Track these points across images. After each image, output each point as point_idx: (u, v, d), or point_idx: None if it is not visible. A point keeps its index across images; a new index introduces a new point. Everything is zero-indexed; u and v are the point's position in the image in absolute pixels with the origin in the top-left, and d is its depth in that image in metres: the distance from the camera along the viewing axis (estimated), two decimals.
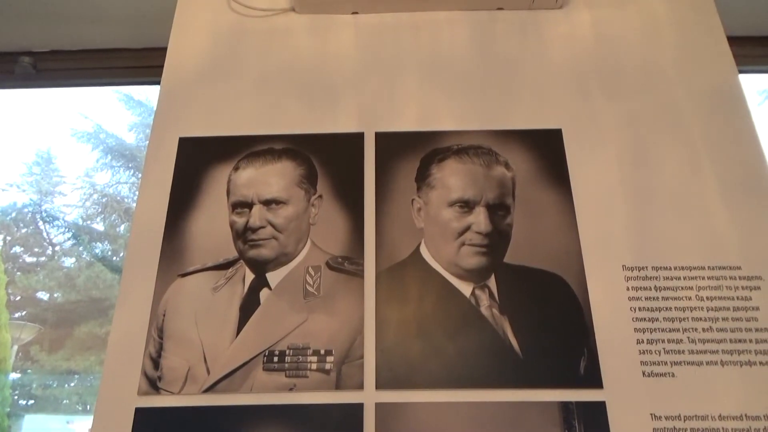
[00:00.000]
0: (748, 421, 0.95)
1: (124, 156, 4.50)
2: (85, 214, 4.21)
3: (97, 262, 3.85)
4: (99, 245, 4.18)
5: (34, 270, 4.09)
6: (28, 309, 3.97)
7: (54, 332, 3.73)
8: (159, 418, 0.97)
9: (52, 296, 3.99)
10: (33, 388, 3.66)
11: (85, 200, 4.25)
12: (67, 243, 4.22)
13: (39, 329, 3.50)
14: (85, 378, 3.71)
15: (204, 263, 1.09)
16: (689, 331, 1.02)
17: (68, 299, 3.89)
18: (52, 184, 4.34)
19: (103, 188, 4.40)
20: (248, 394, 0.98)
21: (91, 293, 3.91)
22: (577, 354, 1.01)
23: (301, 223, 1.12)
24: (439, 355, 1.00)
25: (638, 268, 1.08)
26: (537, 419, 0.96)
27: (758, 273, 1.07)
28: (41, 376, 3.53)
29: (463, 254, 1.08)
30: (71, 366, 3.68)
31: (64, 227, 4.16)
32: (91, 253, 3.85)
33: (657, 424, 0.95)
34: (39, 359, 3.68)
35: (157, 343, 1.03)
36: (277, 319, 1.03)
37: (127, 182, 4.50)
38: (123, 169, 4.49)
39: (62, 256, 4.11)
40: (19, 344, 3.30)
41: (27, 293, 3.90)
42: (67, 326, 3.76)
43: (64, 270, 4.03)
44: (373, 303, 1.05)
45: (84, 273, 3.93)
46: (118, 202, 4.25)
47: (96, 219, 4.24)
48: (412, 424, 0.96)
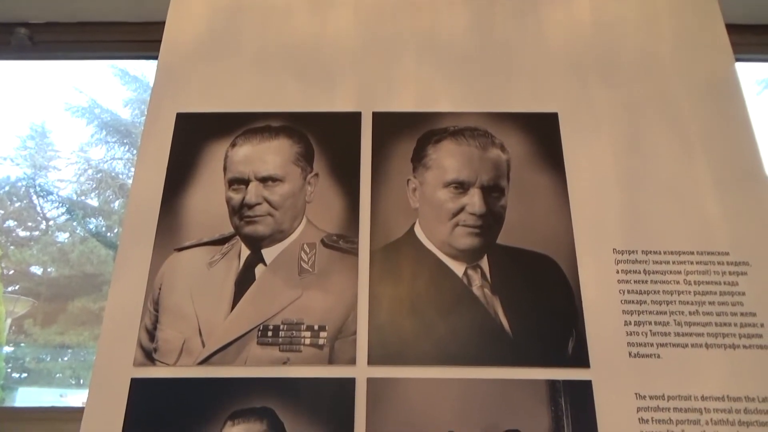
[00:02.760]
0: (729, 402, 0.98)
1: (119, 132, 4.47)
2: (80, 189, 4.18)
3: (92, 238, 3.84)
4: (93, 221, 4.16)
5: (28, 244, 4.08)
6: (22, 283, 3.96)
7: (47, 306, 3.73)
8: (154, 388, 0.98)
9: (46, 271, 3.98)
10: (26, 362, 3.67)
11: (79, 175, 4.22)
12: (61, 218, 4.20)
13: (33, 303, 3.50)
14: (78, 352, 3.72)
15: (200, 238, 1.10)
16: (676, 314, 1.04)
17: (62, 274, 3.88)
18: (46, 159, 4.30)
19: (97, 164, 4.37)
20: (242, 367, 1.00)
21: (84, 268, 3.90)
22: (566, 334, 1.03)
23: (296, 201, 1.13)
24: (430, 333, 1.02)
25: (628, 251, 1.09)
26: (524, 396, 0.98)
27: (745, 259, 1.09)
28: (35, 350, 3.54)
29: (456, 235, 1.09)
30: (65, 340, 3.68)
31: (58, 202, 4.13)
32: (86, 229, 3.83)
33: (641, 403, 0.98)
34: (32, 333, 3.68)
35: (153, 315, 1.04)
36: (272, 294, 1.05)
37: (122, 158, 4.47)
38: (118, 145, 4.45)
39: (56, 230, 4.09)
40: (13, 317, 3.30)
41: (20, 267, 3.89)
42: (61, 301, 3.76)
43: (57, 245, 4.02)
44: (367, 280, 1.06)
45: (78, 248, 3.92)
46: (112, 178, 4.22)
47: (90, 194, 4.22)
48: (403, 399, 0.98)
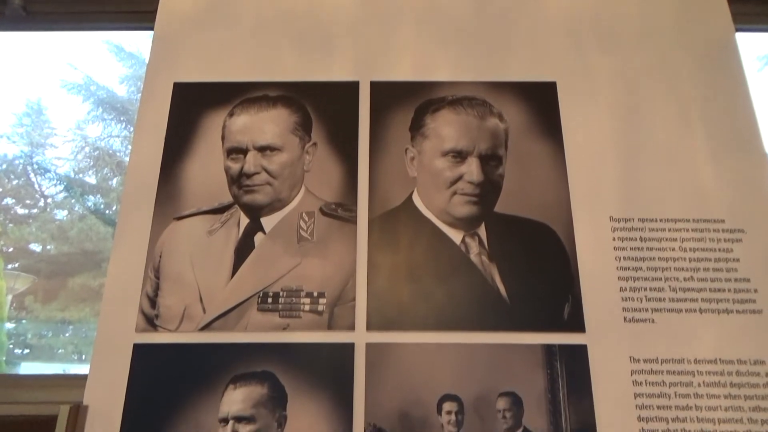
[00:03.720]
0: (721, 364, 1.00)
1: (116, 109, 4.44)
2: (77, 167, 4.17)
3: (91, 215, 3.84)
4: (91, 198, 4.16)
5: (27, 222, 4.08)
6: (21, 260, 3.97)
7: (48, 283, 3.75)
8: (157, 353, 1.00)
9: (45, 248, 3.99)
10: (28, 338, 3.70)
11: (76, 153, 4.21)
12: (59, 195, 4.20)
13: (33, 279, 3.52)
14: (79, 328, 3.75)
15: (199, 207, 1.11)
16: (671, 280, 1.06)
17: (61, 251, 3.89)
18: (42, 136, 4.28)
19: (94, 141, 4.35)
20: (243, 332, 1.01)
21: (84, 246, 3.91)
22: (562, 300, 1.04)
23: (295, 170, 1.13)
24: (428, 299, 1.03)
25: (625, 219, 1.10)
26: (521, 360, 1.00)
27: (741, 226, 1.10)
28: (36, 326, 3.57)
29: (454, 203, 1.10)
30: (66, 317, 3.71)
31: (55, 179, 4.12)
32: (84, 206, 3.83)
33: (635, 366, 1.00)
34: (33, 309, 3.70)
35: (154, 283, 1.05)
36: (272, 262, 1.06)
37: (119, 136, 4.45)
38: (114, 122, 4.43)
39: (54, 208, 4.09)
40: (13, 294, 3.32)
41: (19, 245, 3.90)
42: (61, 278, 3.77)
43: (56, 222, 4.02)
44: (366, 248, 1.07)
45: (77, 225, 3.92)
46: (110, 156, 4.21)
47: (88, 172, 4.21)
48: (401, 363, 0.99)
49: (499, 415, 0.97)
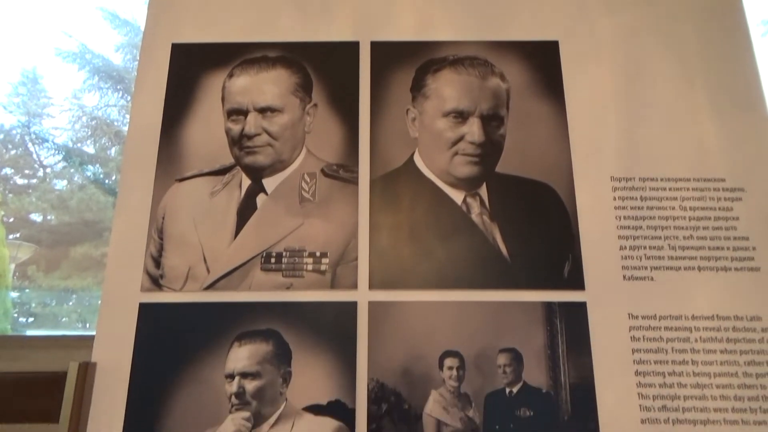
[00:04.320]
0: (718, 320, 1.02)
1: (112, 77, 4.39)
2: (75, 136, 4.15)
3: (90, 185, 3.84)
4: (90, 168, 4.15)
5: (26, 192, 4.08)
6: (23, 230, 3.99)
7: (50, 253, 3.78)
8: (162, 312, 1.01)
9: (46, 218, 4.01)
10: (32, 307, 3.74)
11: (74, 122, 4.19)
12: (58, 165, 4.19)
13: (35, 248, 3.54)
14: (83, 297, 3.79)
15: (200, 169, 1.11)
16: (670, 238, 1.06)
17: (62, 221, 3.91)
18: (39, 106, 4.25)
19: (92, 111, 4.32)
20: (247, 291, 1.02)
21: (84, 215, 3.92)
22: (562, 259, 1.05)
23: (296, 131, 1.13)
24: (429, 258, 1.05)
25: (626, 179, 1.11)
26: (521, 318, 1.01)
27: (741, 185, 1.10)
28: (40, 295, 3.60)
29: (455, 163, 1.10)
30: (69, 285, 3.75)
31: (54, 149, 4.11)
32: (84, 176, 3.83)
33: (633, 322, 1.01)
34: (36, 279, 3.73)
35: (158, 243, 1.06)
36: (274, 222, 1.06)
37: (116, 105, 4.42)
38: (111, 91, 4.39)
39: (54, 178, 4.09)
40: (16, 263, 3.35)
41: (20, 215, 3.91)
42: (63, 247, 3.80)
43: (56, 192, 4.03)
44: (367, 209, 1.07)
45: (77, 195, 3.93)
46: (108, 125, 4.18)
47: (86, 142, 4.19)
48: (403, 321, 1.01)
49: (500, 370, 0.99)
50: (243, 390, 0.96)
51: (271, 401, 0.96)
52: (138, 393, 0.97)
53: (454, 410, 0.97)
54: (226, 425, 0.95)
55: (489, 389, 0.98)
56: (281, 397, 0.97)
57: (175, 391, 0.96)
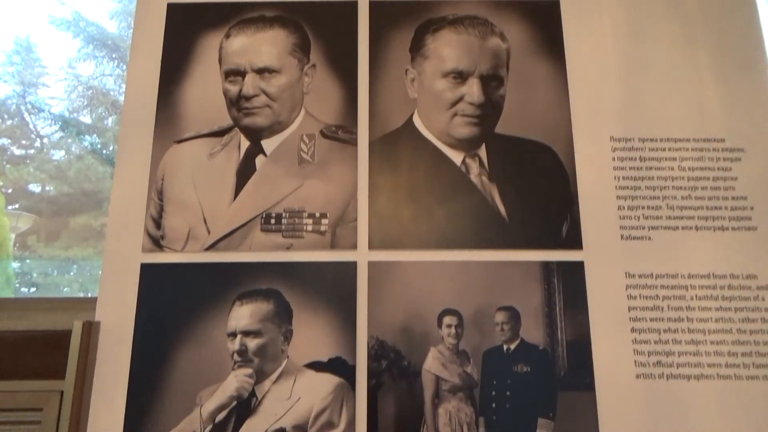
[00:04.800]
0: (714, 279, 1.03)
1: (107, 46, 4.32)
2: (71, 106, 4.10)
3: (88, 155, 3.82)
4: (87, 138, 4.12)
5: (24, 162, 4.05)
6: (21, 201, 3.97)
7: (50, 223, 3.77)
8: (164, 273, 1.02)
9: (45, 189, 3.99)
10: (34, 277, 3.76)
11: (69, 92, 4.13)
12: (55, 135, 4.15)
13: (35, 218, 3.54)
14: (84, 267, 3.80)
15: (199, 130, 1.11)
16: (669, 198, 1.07)
17: (61, 191, 3.89)
18: (34, 75, 4.19)
19: (87, 80, 4.25)
20: (247, 252, 1.03)
21: (83, 186, 3.90)
22: (561, 219, 1.06)
23: (294, 92, 1.12)
24: (428, 219, 1.05)
25: (625, 139, 1.10)
26: (519, 277, 1.02)
27: (741, 145, 1.10)
28: (41, 265, 3.62)
29: (455, 124, 1.10)
30: (69, 255, 3.75)
31: (50, 119, 4.07)
32: (81, 146, 3.80)
33: (630, 281, 1.03)
34: (37, 249, 3.74)
35: (158, 205, 1.06)
36: (273, 183, 1.07)
37: (111, 74, 4.35)
38: (107, 60, 4.32)
39: (51, 148, 4.05)
40: (16, 233, 3.35)
41: (18, 185, 3.89)
42: (63, 218, 3.79)
43: (54, 162, 4.00)
44: (366, 170, 1.08)
45: (75, 165, 3.90)
46: (104, 95, 4.13)
47: (82, 112, 4.14)
48: (402, 281, 1.02)
49: (497, 327, 1.00)
50: (245, 348, 0.98)
51: (272, 358, 0.98)
52: (142, 351, 0.98)
53: (452, 366, 0.98)
54: (229, 381, 0.97)
55: (487, 346, 0.99)
56: (283, 354, 0.98)
57: (179, 349, 0.98)
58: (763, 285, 1.02)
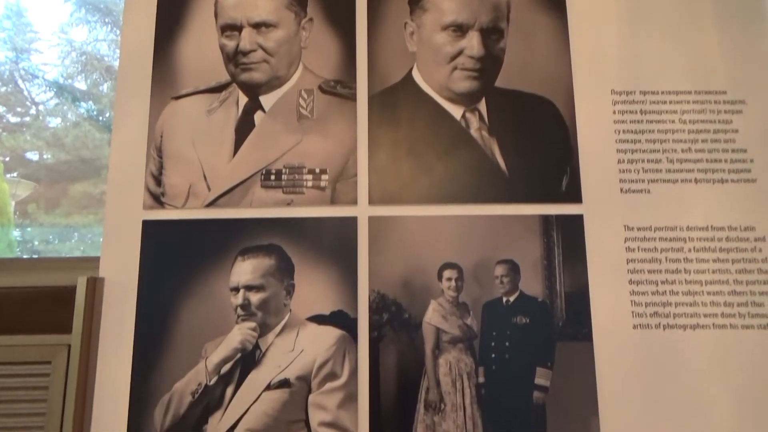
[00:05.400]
0: (712, 231, 1.03)
1: (99, 10, 4.23)
2: (65, 72, 4.04)
3: (84, 122, 3.78)
4: (83, 105, 4.07)
5: (20, 130, 4.02)
6: (19, 169, 3.95)
7: (49, 191, 3.76)
8: (166, 229, 1.03)
9: (42, 157, 3.97)
10: (35, 244, 3.77)
11: (63, 58, 4.07)
12: (50, 102, 4.10)
13: (34, 186, 3.53)
14: (85, 234, 3.81)
15: (196, 86, 1.10)
16: (669, 151, 1.07)
17: (59, 159, 3.87)
18: (26, 41, 4.12)
19: (81, 46, 4.18)
20: (248, 208, 1.04)
21: (80, 153, 3.88)
22: (560, 172, 1.06)
23: (292, 47, 1.10)
24: (428, 174, 1.05)
25: (626, 92, 1.10)
26: (519, 230, 1.03)
27: (742, 97, 1.09)
28: (42, 232, 3.62)
29: (455, 78, 1.09)
30: (70, 223, 3.76)
31: (45, 86, 4.02)
32: (77, 113, 3.77)
33: (629, 234, 1.03)
34: (37, 217, 3.74)
35: (157, 162, 1.06)
36: (273, 139, 1.06)
37: (105, 39, 4.28)
38: (99, 25, 4.24)
39: (47, 115, 4.01)
40: (16, 200, 3.34)
41: (16, 153, 3.87)
42: (62, 185, 3.78)
43: (50, 130, 3.96)
44: (366, 125, 1.07)
45: (71, 133, 3.87)
46: (98, 61, 4.06)
47: (77, 78, 4.09)
48: (402, 235, 1.03)
49: (497, 280, 1.01)
50: (248, 302, 0.99)
51: (275, 312, 0.99)
52: (146, 306, 0.99)
53: (452, 318, 1.00)
54: (233, 334, 0.98)
55: (486, 298, 1.01)
56: (285, 308, 1.00)
57: (183, 303, 0.99)
58: (760, 236, 1.03)
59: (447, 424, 0.96)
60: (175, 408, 0.95)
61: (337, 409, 0.95)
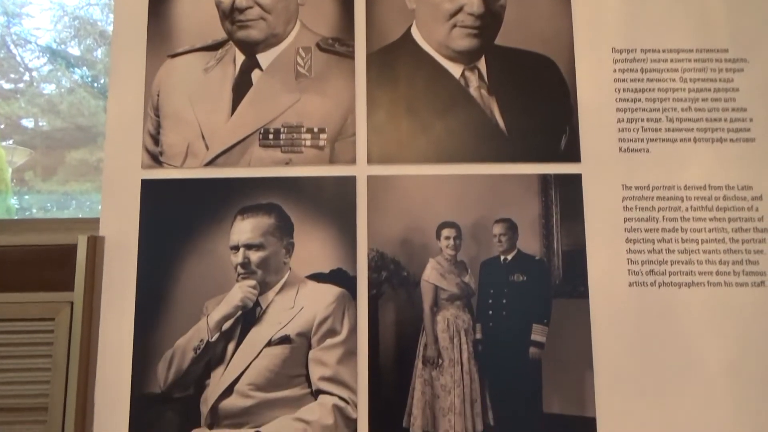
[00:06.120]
0: (710, 190, 1.04)
1: None
2: (58, 37, 3.97)
3: (79, 89, 3.73)
4: (78, 71, 4.01)
5: (14, 97, 3.97)
6: (15, 136, 3.91)
7: (45, 159, 3.74)
8: (165, 188, 1.03)
9: (38, 124, 3.92)
10: (33, 212, 3.77)
11: (56, 22, 3.99)
12: (44, 68, 4.04)
13: (30, 153, 3.50)
14: (83, 202, 3.80)
15: (192, 44, 1.08)
16: (668, 110, 1.06)
17: (54, 126, 3.83)
18: (17, 5, 4.03)
19: (73, 10, 4.09)
20: (247, 168, 1.03)
21: (76, 120, 3.84)
22: (559, 131, 1.05)
23: (289, 4, 1.09)
24: (427, 133, 1.05)
25: (627, 50, 1.08)
26: (517, 189, 1.03)
27: (744, 56, 1.08)
28: (40, 200, 3.61)
29: (454, 36, 1.07)
30: (68, 190, 3.74)
31: (38, 51, 3.95)
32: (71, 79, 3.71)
33: (626, 193, 1.04)
34: (34, 185, 3.72)
35: (155, 121, 1.05)
36: (270, 98, 1.05)
37: (98, 3, 4.19)
38: None
39: (41, 82, 3.96)
40: (12, 167, 3.32)
41: (11, 120, 3.83)
42: (58, 153, 3.75)
43: (45, 96, 3.91)
44: (364, 83, 1.06)
45: (66, 99, 3.82)
46: (91, 25, 3.99)
47: (70, 43, 4.02)
48: (401, 194, 1.03)
49: (495, 239, 1.02)
50: (248, 260, 1.00)
51: (275, 270, 1.00)
52: (147, 264, 1.00)
53: (450, 276, 1.01)
54: (234, 292, 0.99)
55: (484, 257, 1.02)
56: (285, 266, 1.01)
57: (183, 261, 1.00)
58: (757, 195, 1.03)
59: (444, 378, 0.98)
60: (178, 363, 0.97)
61: (336, 364, 0.97)
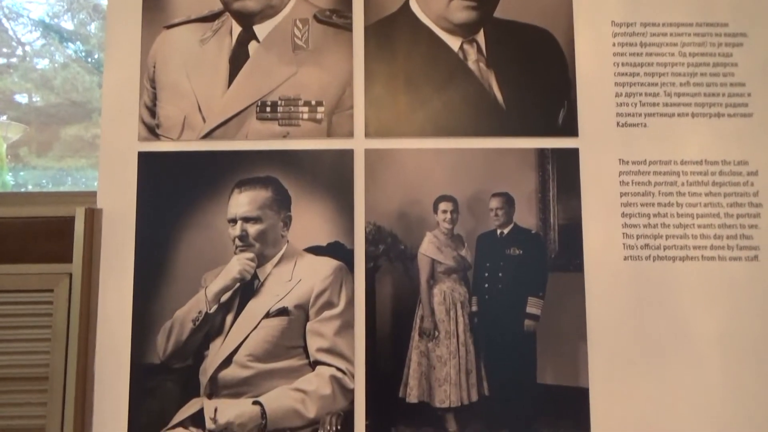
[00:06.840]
0: (706, 165, 1.04)
1: None
2: (51, 11, 3.91)
3: (73, 64, 3.69)
4: (71, 45, 3.96)
5: (7, 72, 3.91)
6: (9, 112, 3.87)
7: (40, 135, 3.71)
8: (162, 161, 1.03)
9: (32, 99, 3.88)
10: (29, 189, 3.75)
11: None
12: (37, 43, 3.98)
13: (25, 128, 3.47)
14: (78, 179, 3.78)
15: (188, 15, 1.07)
16: (667, 85, 1.06)
17: (49, 102, 3.79)
18: None
19: None
20: (244, 140, 1.03)
21: (71, 96, 3.80)
22: (558, 106, 1.05)
23: None
24: (425, 106, 1.04)
25: (627, 24, 1.08)
26: (514, 164, 1.03)
27: (744, 30, 1.08)
28: (35, 176, 3.59)
29: (453, 8, 1.06)
30: (63, 167, 3.72)
31: (30, 25, 3.89)
32: (65, 54, 3.67)
33: (623, 167, 1.04)
34: (30, 161, 3.69)
35: (151, 93, 1.05)
36: (268, 71, 1.05)
37: None
38: None
39: (34, 56, 3.90)
40: (7, 143, 3.30)
41: (5, 95, 3.78)
42: (53, 129, 3.72)
43: (38, 71, 3.86)
44: (362, 56, 1.05)
45: (60, 74, 3.77)
46: None
47: (63, 17, 3.96)
48: (399, 168, 1.03)
49: (492, 213, 1.02)
50: (246, 233, 1.00)
51: (273, 243, 1.01)
52: (145, 236, 1.01)
53: (447, 250, 1.02)
54: (232, 264, 1.00)
55: (481, 230, 1.02)
56: (283, 239, 1.01)
57: (181, 233, 1.00)
58: (753, 171, 1.04)
59: (440, 350, 1.00)
60: (177, 334, 0.98)
61: (334, 336, 0.98)
